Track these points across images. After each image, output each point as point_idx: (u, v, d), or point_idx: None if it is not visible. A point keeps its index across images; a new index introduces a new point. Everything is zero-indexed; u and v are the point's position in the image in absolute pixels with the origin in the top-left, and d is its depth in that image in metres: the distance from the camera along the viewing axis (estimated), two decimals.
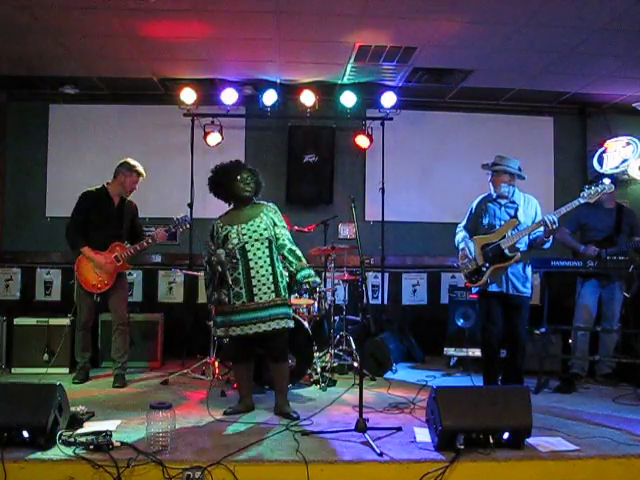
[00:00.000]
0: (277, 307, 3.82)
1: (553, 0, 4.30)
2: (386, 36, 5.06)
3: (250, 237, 3.83)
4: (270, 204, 4.06)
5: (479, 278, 4.36)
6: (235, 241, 3.82)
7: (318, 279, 3.99)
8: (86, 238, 4.75)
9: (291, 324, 3.89)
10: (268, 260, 3.84)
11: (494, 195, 4.44)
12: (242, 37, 5.10)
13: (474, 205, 4.60)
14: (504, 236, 4.30)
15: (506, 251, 4.26)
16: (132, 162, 4.89)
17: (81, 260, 4.76)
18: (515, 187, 4.42)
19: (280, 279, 3.88)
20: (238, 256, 3.81)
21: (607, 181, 4.23)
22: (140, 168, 4.90)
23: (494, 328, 4.36)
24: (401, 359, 5.91)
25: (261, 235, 3.84)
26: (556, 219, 4.12)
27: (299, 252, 3.97)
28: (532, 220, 4.35)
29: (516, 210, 4.38)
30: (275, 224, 3.95)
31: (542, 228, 4.22)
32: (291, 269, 3.94)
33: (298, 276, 3.92)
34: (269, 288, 3.81)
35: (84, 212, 4.80)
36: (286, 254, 3.93)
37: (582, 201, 4.19)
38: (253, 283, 3.79)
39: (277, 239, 3.93)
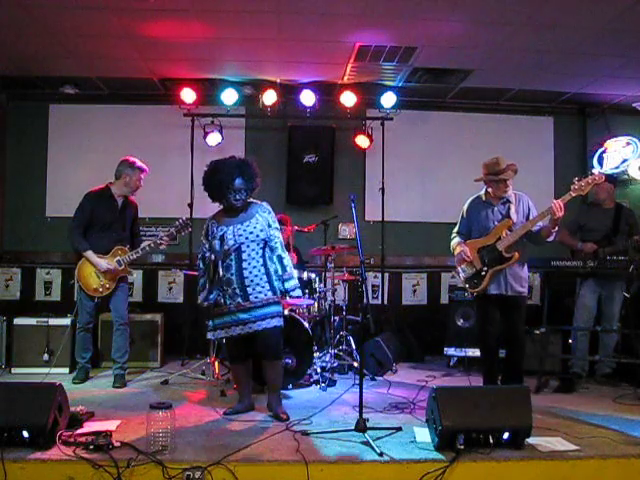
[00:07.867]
0: (270, 306, 3.82)
1: (553, 0, 4.30)
2: (386, 36, 5.06)
3: (247, 238, 3.81)
4: (263, 203, 4.01)
5: (479, 283, 4.31)
6: (231, 242, 3.80)
7: (300, 292, 4.03)
8: (89, 241, 4.72)
9: (281, 322, 3.88)
10: (261, 260, 3.85)
11: (484, 197, 4.39)
12: (242, 37, 5.10)
13: (465, 208, 4.53)
14: (499, 237, 4.25)
15: (503, 252, 4.21)
16: (132, 159, 4.86)
17: (83, 263, 4.73)
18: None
19: (274, 277, 3.89)
20: (232, 257, 3.80)
21: (596, 171, 4.08)
22: (142, 164, 4.89)
23: (492, 329, 4.33)
24: (401, 359, 5.91)
25: (257, 236, 3.83)
26: (562, 204, 3.99)
27: (287, 260, 3.96)
28: (525, 217, 4.30)
29: (508, 209, 4.31)
30: (270, 225, 3.93)
31: (547, 219, 4.10)
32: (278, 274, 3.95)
33: (286, 285, 3.93)
34: (263, 287, 3.82)
35: (88, 214, 4.74)
36: (275, 259, 3.93)
37: (573, 194, 4.05)
38: (246, 283, 3.79)
39: (270, 240, 3.91)
